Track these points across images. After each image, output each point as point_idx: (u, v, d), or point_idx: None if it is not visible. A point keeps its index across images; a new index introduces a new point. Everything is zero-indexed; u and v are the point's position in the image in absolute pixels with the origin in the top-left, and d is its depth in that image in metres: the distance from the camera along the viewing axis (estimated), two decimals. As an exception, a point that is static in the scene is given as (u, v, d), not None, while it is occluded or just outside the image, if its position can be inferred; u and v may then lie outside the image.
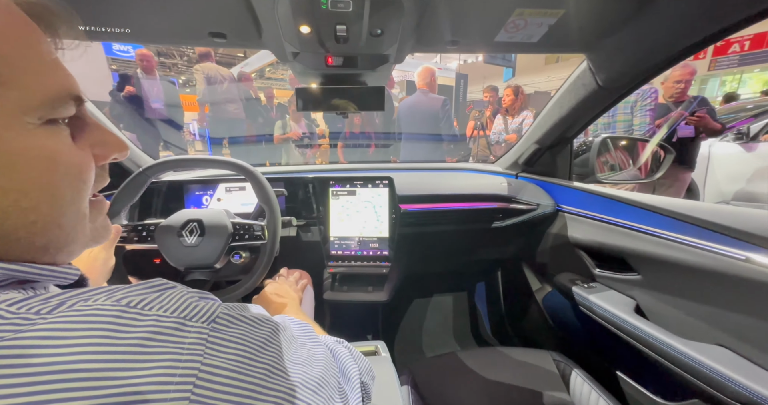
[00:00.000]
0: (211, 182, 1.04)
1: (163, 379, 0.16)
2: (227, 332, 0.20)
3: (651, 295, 0.77)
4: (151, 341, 0.17)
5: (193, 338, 0.18)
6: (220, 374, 0.18)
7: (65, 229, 0.23)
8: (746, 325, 0.58)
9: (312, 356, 0.27)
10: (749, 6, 0.49)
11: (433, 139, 2.84)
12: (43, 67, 0.21)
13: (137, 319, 0.18)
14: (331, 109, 0.78)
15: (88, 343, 0.16)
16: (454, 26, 0.61)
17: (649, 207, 0.76)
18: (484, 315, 1.47)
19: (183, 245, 0.73)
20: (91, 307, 0.17)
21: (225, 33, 0.61)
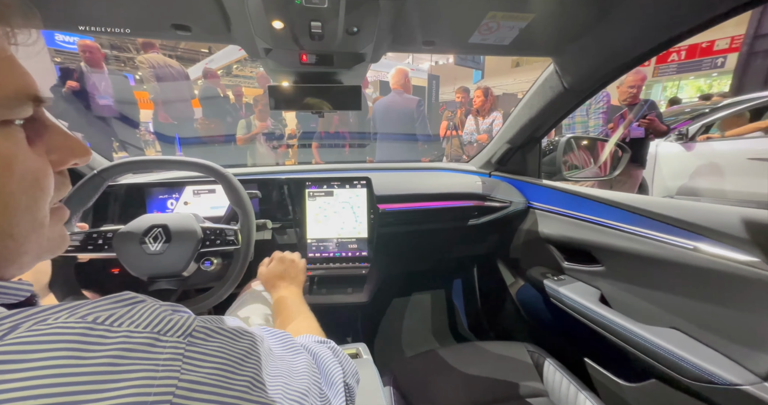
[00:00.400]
0: (176, 185, 0.98)
1: (136, 399, 0.15)
2: (205, 346, 0.19)
3: (613, 284, 0.82)
4: (121, 359, 0.16)
5: (169, 354, 0.17)
6: (200, 390, 0.17)
7: (18, 239, 0.21)
8: (696, 309, 0.64)
9: (292, 368, 0.26)
10: (698, 16, 0.53)
11: (408, 138, 2.87)
12: (2, 67, 0.20)
13: (105, 336, 0.16)
14: (306, 108, 0.75)
15: (51, 365, 0.14)
16: (430, 27, 0.61)
17: (610, 202, 0.81)
18: (461, 311, 1.51)
19: (146, 253, 0.68)
20: (51, 326, 0.16)
21: (190, 26, 0.58)
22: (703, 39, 8.02)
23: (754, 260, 0.54)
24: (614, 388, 0.78)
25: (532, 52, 0.74)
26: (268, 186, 1.00)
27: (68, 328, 0.16)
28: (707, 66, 8.27)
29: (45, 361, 0.15)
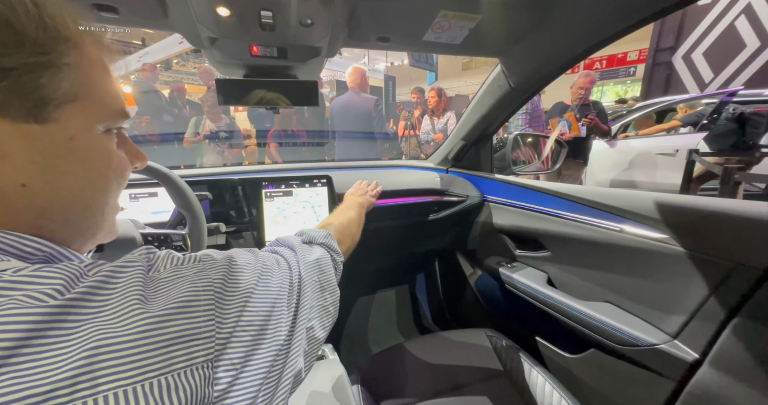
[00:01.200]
0: None
1: (191, 293, 0.24)
2: (215, 263, 0.28)
3: (558, 267, 0.91)
4: (166, 284, 0.25)
5: (196, 269, 0.26)
6: (229, 282, 0.27)
7: (105, 216, 0.29)
8: (622, 283, 0.73)
9: (264, 259, 0.35)
10: (626, 19, 0.60)
11: (368, 137, 2.88)
12: (112, 89, 0.28)
13: (156, 259, 0.27)
14: (259, 104, 0.72)
15: (134, 279, 0.23)
16: (384, 23, 0.62)
17: (554, 193, 0.89)
18: (425, 304, 1.55)
19: None
20: (126, 257, 0.25)
21: (116, 6, 0.51)
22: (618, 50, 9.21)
23: (665, 237, 0.63)
24: (561, 361, 0.86)
25: (481, 52, 0.79)
26: (220, 187, 0.94)
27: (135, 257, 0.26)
28: (623, 74, 9.52)
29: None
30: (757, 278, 0.50)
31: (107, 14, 0.52)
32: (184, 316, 0.23)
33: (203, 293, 0.25)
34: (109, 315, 0.20)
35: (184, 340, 0.22)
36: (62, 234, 0.26)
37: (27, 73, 0.22)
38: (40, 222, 0.24)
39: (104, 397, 0.18)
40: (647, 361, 0.64)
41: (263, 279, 0.31)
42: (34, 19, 0.22)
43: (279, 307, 0.30)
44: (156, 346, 0.21)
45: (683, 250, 0.60)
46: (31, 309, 0.19)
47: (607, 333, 0.70)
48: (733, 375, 0.52)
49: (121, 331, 0.20)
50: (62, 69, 0.23)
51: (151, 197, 0.88)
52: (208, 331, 0.23)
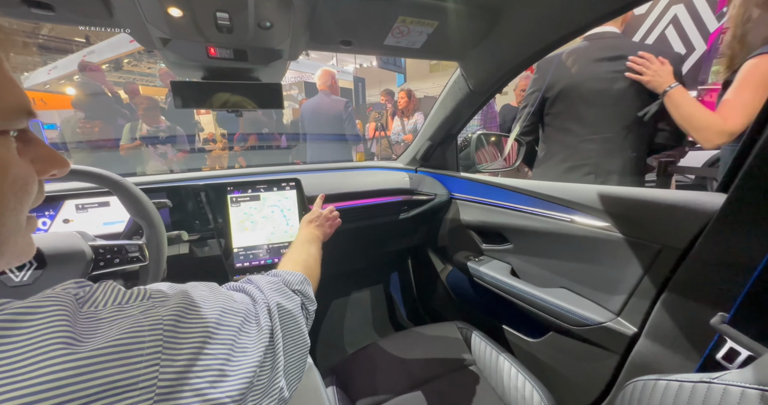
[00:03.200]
0: (49, 200, 0.79)
1: (133, 334, 0.21)
2: (167, 301, 0.25)
3: (519, 258, 0.97)
4: (102, 323, 0.22)
5: (143, 308, 0.24)
6: (182, 322, 0.24)
7: (2, 239, 0.24)
8: (574, 269, 0.80)
9: (225, 295, 0.32)
10: (568, 25, 0.65)
11: (339, 139, 2.87)
12: (3, 84, 0.23)
13: (91, 297, 0.24)
14: (220, 107, 0.70)
15: (57, 317, 0.20)
16: (345, 27, 0.63)
17: (514, 188, 0.95)
18: (400, 302, 1.57)
19: (7, 286, 0.54)
20: (43, 293, 0.22)
21: (51, 3, 0.48)
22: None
23: (607, 225, 0.69)
24: (524, 345, 0.92)
25: (440, 56, 0.82)
26: (180, 194, 0.90)
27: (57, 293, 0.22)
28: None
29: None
30: (678, 257, 0.57)
31: (40, 11, 0.48)
32: (119, 362, 0.19)
33: (149, 334, 0.21)
34: (19, 362, 0.17)
35: (113, 392, 0.19)
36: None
37: None
38: None
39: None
40: (596, 338, 0.70)
41: (226, 317, 0.28)
42: None
43: (248, 352, 0.28)
44: (76, 400, 0.17)
45: (621, 236, 0.66)
46: None
47: (563, 316, 0.76)
48: (664, 344, 0.59)
49: (33, 383, 0.17)
50: None
51: (102, 207, 0.83)
52: (149, 379, 0.20)
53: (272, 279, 0.43)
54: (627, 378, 0.63)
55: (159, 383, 0.20)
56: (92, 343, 0.19)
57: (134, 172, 2.68)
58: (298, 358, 0.36)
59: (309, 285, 0.46)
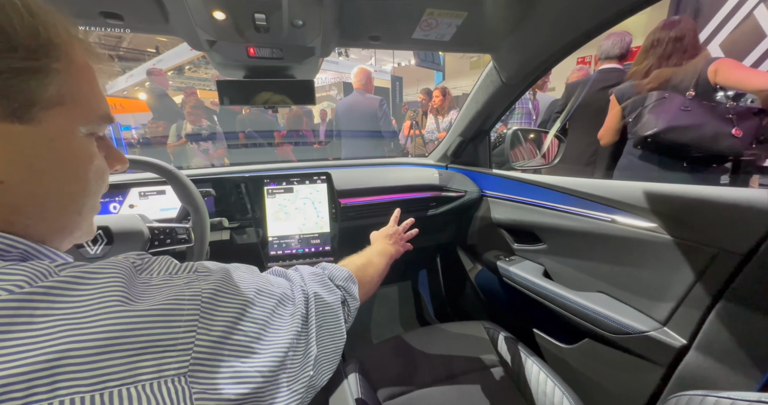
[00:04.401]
0: (119, 187, 0.92)
1: (175, 302, 0.24)
2: (209, 276, 0.28)
3: (553, 259, 0.91)
4: (152, 290, 0.24)
5: (187, 279, 0.26)
6: (217, 294, 0.26)
7: (82, 216, 0.30)
8: (614, 273, 0.74)
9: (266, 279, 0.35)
10: (617, 3, 0.59)
11: (372, 136, 2.91)
12: (97, 95, 0.29)
13: (146, 266, 0.27)
14: (258, 104, 0.75)
15: (116, 281, 0.23)
16: (374, 22, 0.64)
17: (548, 186, 0.90)
18: (428, 300, 1.56)
19: (84, 257, 0.64)
20: (108, 259, 0.25)
21: (121, 14, 0.55)
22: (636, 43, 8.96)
23: (653, 225, 0.63)
24: (556, 351, 0.87)
25: (471, 48, 0.80)
26: (223, 185, 0.98)
27: (119, 260, 0.25)
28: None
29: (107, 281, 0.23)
30: (738, 263, 0.50)
31: (113, 21, 0.56)
32: (162, 324, 0.22)
33: (188, 303, 0.24)
34: (82, 312, 0.20)
35: (156, 349, 0.21)
36: (37, 231, 0.26)
37: (16, 76, 0.23)
38: (13, 218, 0.24)
39: (60, 402, 0.18)
40: (638, 348, 0.65)
41: (261, 297, 0.30)
42: (28, 26, 0.23)
43: (280, 333, 0.30)
44: (123, 354, 0.20)
45: (671, 238, 0.60)
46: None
47: (600, 322, 0.70)
48: (718, 358, 0.53)
49: (91, 331, 0.19)
50: (50, 74, 0.24)
51: (159, 195, 0.93)
52: (186, 343, 0.22)
53: (317, 270, 0.45)
54: (672, 392, 0.57)
55: (195, 348, 0.23)
56: (142, 304, 0.22)
57: (181, 166, 2.96)
58: (333, 351, 0.37)
59: (354, 283, 0.46)
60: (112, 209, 0.91)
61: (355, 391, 0.73)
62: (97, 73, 0.29)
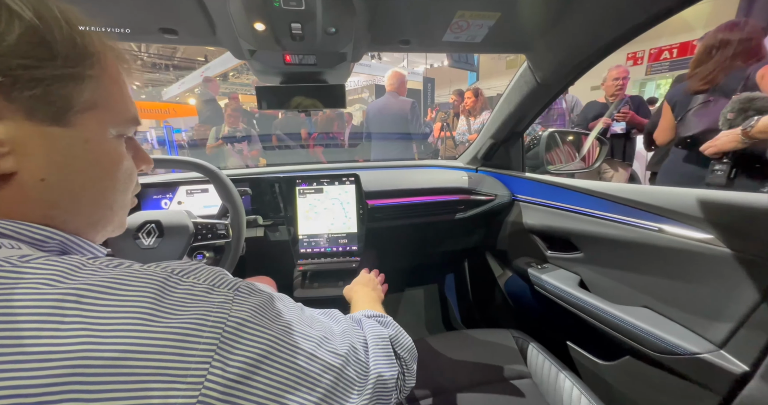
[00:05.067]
0: (170, 185, 1.01)
1: (197, 325, 0.22)
2: (248, 299, 0.26)
3: (591, 269, 0.86)
4: (187, 300, 0.23)
5: (222, 299, 0.24)
6: (246, 326, 0.24)
7: (114, 211, 0.31)
8: (662, 287, 0.67)
9: (312, 318, 0.32)
10: (655, 3, 0.55)
11: (402, 138, 2.92)
12: (126, 99, 0.30)
13: (178, 284, 0.24)
14: (293, 108, 0.79)
15: (145, 294, 0.21)
16: (404, 26, 0.65)
17: (586, 191, 0.85)
18: (454, 304, 1.53)
19: (140, 248, 0.71)
20: (146, 269, 0.24)
21: (176, 29, 0.61)
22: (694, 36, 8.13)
23: (709, 237, 0.57)
24: (593, 367, 0.81)
25: (504, 48, 0.78)
26: (260, 185, 1.04)
27: (156, 273, 0.23)
28: (697, 64, 8.38)
29: (140, 290, 0.22)
30: None
31: (169, 36, 0.62)
32: (176, 349, 0.20)
33: (209, 329, 0.22)
34: (106, 324, 0.19)
35: (166, 376, 0.19)
36: (73, 224, 0.28)
37: (55, 82, 0.24)
38: (52, 213, 0.26)
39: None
40: (688, 372, 0.59)
41: (309, 339, 0.27)
42: (67, 37, 0.25)
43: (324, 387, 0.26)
44: (134, 376, 0.19)
45: (730, 251, 0.54)
46: (33, 296, 0.19)
47: (644, 340, 0.65)
48: None
49: (110, 346, 0.19)
50: (85, 80, 0.26)
51: (203, 193, 1.01)
52: (198, 374, 0.20)
53: (383, 332, 0.39)
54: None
55: (206, 384, 0.20)
56: (169, 320, 0.21)
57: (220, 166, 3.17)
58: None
59: (415, 359, 0.41)
60: (163, 205, 1.00)
61: None
62: (126, 78, 0.31)
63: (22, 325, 0.18)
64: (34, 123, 0.24)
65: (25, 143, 0.24)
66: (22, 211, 0.25)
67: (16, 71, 0.22)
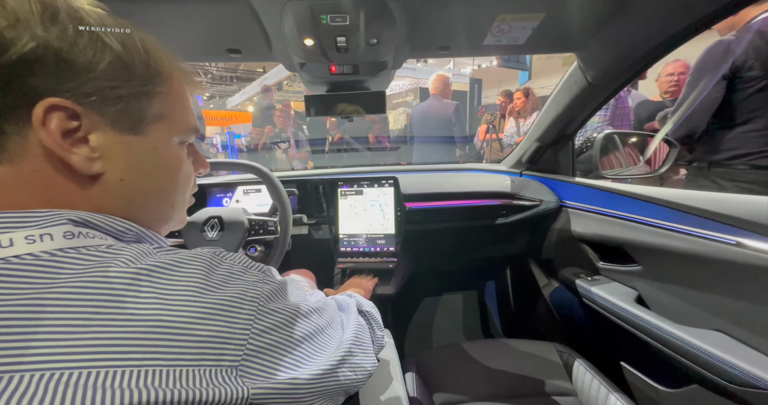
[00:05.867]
0: (230, 185, 1.14)
1: (238, 299, 0.26)
2: (274, 279, 0.31)
3: (651, 284, 0.78)
4: (228, 277, 0.27)
5: (255, 278, 0.29)
6: (274, 299, 0.29)
7: (175, 208, 0.36)
8: (741, 309, 0.59)
9: (315, 295, 0.42)
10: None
11: (445, 142, 2.89)
12: (188, 111, 0.34)
13: (221, 262, 0.28)
14: (337, 114, 0.85)
15: (197, 270, 0.26)
16: (443, 33, 0.66)
17: (645, 198, 0.77)
18: (495, 313, 1.48)
19: (205, 239, 0.81)
20: (196, 252, 0.28)
21: (240, 49, 0.70)
22: None
23: None
24: (650, 392, 0.73)
25: (551, 49, 0.75)
26: (305, 186, 1.12)
27: (204, 252, 0.28)
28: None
29: (194, 267, 0.26)
30: None
31: (234, 55, 0.71)
32: (224, 318, 0.24)
33: (248, 302, 0.26)
34: (171, 295, 0.23)
35: (218, 339, 0.24)
36: (144, 219, 0.32)
37: (133, 99, 0.28)
38: (129, 208, 0.30)
39: (146, 371, 0.20)
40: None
41: (317, 311, 0.34)
42: (143, 61, 0.29)
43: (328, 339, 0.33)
44: (194, 338, 0.23)
45: None
46: (121, 268, 0.23)
47: (718, 368, 0.57)
48: None
49: (176, 313, 0.23)
50: (155, 96, 0.30)
51: (257, 193, 1.12)
52: (241, 338, 0.25)
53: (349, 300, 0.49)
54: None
55: (248, 346, 0.25)
56: (216, 294, 0.25)
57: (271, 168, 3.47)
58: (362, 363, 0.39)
59: (377, 313, 0.52)
60: (224, 202, 1.13)
61: (411, 389, 0.74)
62: (189, 93, 0.35)
63: (116, 287, 0.22)
64: (116, 133, 0.28)
65: (110, 149, 0.28)
66: (108, 206, 0.29)
67: (105, 91, 0.26)
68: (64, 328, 0.20)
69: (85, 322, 0.20)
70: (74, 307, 0.21)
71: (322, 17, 0.56)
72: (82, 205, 0.27)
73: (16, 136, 0.24)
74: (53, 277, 0.21)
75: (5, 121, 0.24)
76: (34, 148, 0.25)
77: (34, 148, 0.25)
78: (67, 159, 0.25)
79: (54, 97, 0.24)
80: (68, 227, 0.24)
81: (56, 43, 0.24)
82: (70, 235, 0.24)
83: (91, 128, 0.26)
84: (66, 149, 0.25)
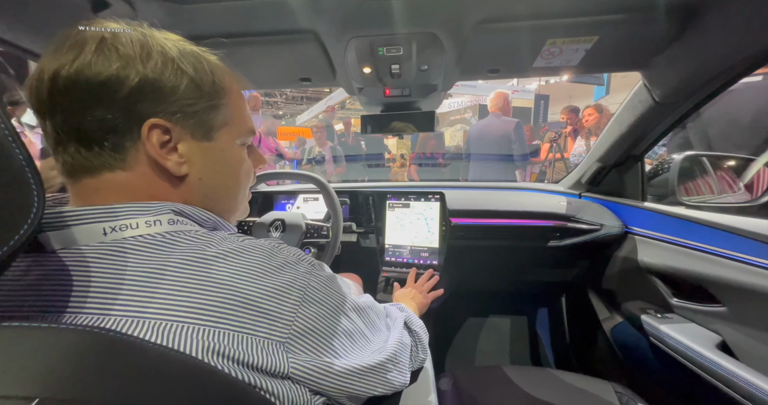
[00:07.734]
0: (293, 193, 1.29)
1: (287, 286, 0.31)
2: (322, 272, 0.36)
3: (739, 330, 0.66)
4: (284, 265, 0.32)
5: (305, 269, 0.34)
6: (321, 290, 0.33)
7: (238, 201, 0.42)
8: None
9: (365, 298, 0.44)
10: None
11: (502, 160, 2.80)
12: (246, 117, 0.40)
13: (280, 252, 0.33)
14: (391, 132, 0.92)
15: (260, 256, 0.31)
16: (492, 58, 0.69)
17: (732, 229, 0.67)
18: (546, 342, 1.36)
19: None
20: (261, 241, 0.34)
21: (310, 77, 0.82)
22: None
23: None
24: None
25: (610, 68, 0.73)
26: (357, 197, 1.21)
27: (265, 243, 0.34)
28: None
29: (255, 254, 0.31)
30: None
31: (305, 82, 0.84)
32: (275, 299, 0.29)
33: (296, 290, 0.31)
34: (237, 275, 0.29)
35: (270, 316, 0.28)
36: (216, 210, 0.37)
37: (204, 112, 0.33)
38: (205, 201, 0.36)
39: (222, 332, 0.26)
40: None
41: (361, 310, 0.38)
42: (210, 81, 0.34)
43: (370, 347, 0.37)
44: (253, 312, 0.28)
45: None
46: (211, 248, 0.30)
47: None
48: None
49: (240, 290, 0.28)
50: (221, 108, 0.35)
51: (315, 201, 1.25)
52: (288, 318, 0.29)
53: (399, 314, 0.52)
54: None
55: (294, 326, 0.30)
56: (272, 278, 0.30)
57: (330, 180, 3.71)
58: None
59: (426, 334, 0.53)
60: (287, 208, 1.28)
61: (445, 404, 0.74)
62: (246, 104, 0.40)
63: (210, 262, 0.29)
64: (195, 141, 0.34)
65: (192, 154, 0.34)
66: (192, 200, 0.35)
67: (185, 108, 0.32)
68: (177, 287, 0.27)
69: (188, 284, 0.27)
70: (184, 272, 0.28)
71: (379, 49, 0.65)
72: (174, 199, 0.33)
73: (132, 149, 0.31)
74: (169, 251, 0.29)
75: (126, 140, 0.31)
76: (143, 157, 0.31)
77: (143, 157, 0.31)
78: (164, 164, 0.32)
79: (153, 117, 0.31)
80: (171, 216, 0.31)
81: (151, 75, 0.30)
82: (172, 221, 0.31)
83: (178, 139, 0.33)
84: (163, 157, 0.32)
